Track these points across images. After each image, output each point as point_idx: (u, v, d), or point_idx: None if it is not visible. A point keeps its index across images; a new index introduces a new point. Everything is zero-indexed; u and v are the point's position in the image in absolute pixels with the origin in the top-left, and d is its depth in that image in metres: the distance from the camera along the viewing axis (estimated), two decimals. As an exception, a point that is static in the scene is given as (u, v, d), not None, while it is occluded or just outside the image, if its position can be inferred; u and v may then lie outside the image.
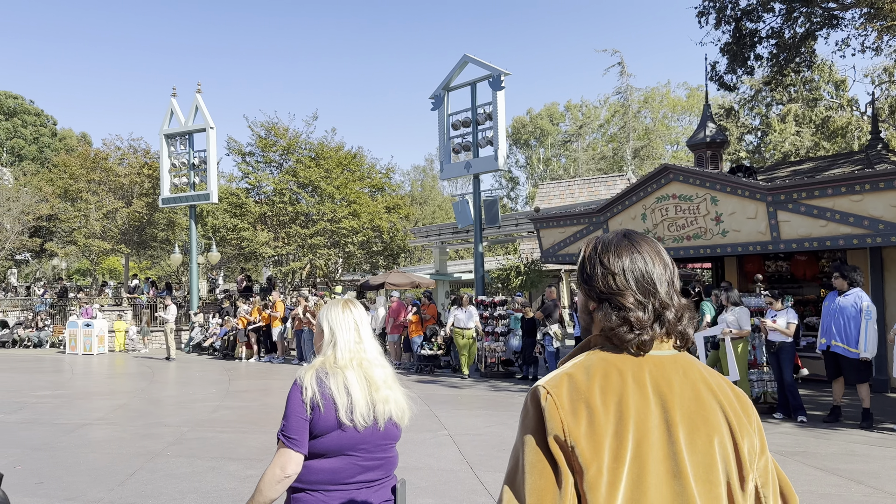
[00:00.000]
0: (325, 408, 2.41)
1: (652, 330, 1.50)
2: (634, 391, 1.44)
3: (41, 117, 53.16)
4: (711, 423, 1.46)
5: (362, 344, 2.60)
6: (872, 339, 8.68)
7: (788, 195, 11.42)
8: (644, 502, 1.36)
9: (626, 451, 1.37)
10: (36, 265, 40.55)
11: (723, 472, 1.45)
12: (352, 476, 2.46)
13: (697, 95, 48.62)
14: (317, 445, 2.43)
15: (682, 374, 1.50)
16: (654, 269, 1.54)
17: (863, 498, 5.82)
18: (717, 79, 17.08)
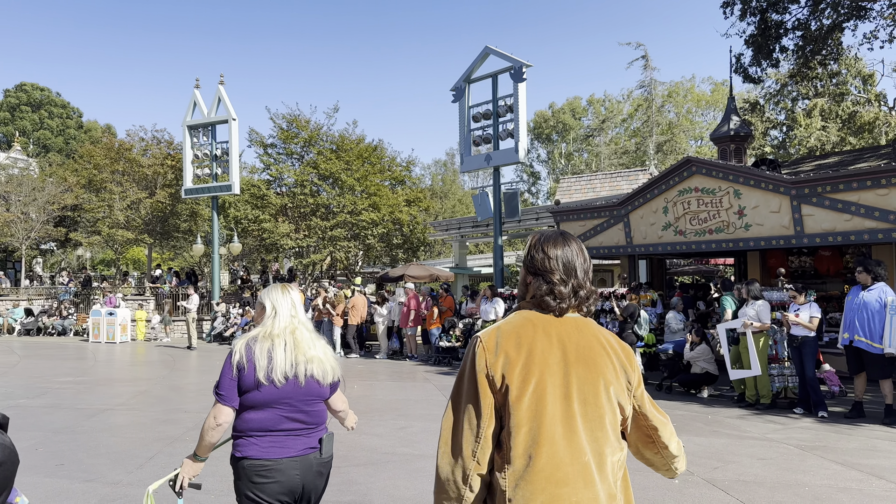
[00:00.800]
0: (248, 369, 2.95)
1: (569, 300, 2.16)
2: (542, 339, 2.09)
3: (67, 109, 53.91)
4: (598, 363, 2.10)
5: (296, 319, 3.15)
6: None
7: (813, 189, 11.25)
8: (541, 412, 2.00)
9: (531, 378, 2.03)
10: (60, 255, 41.14)
11: (605, 400, 2.08)
12: (277, 425, 2.98)
13: (722, 90, 48.03)
14: (247, 399, 2.97)
15: (579, 330, 2.15)
16: (576, 260, 2.19)
17: (883, 493, 5.73)
18: (742, 71, 16.84)
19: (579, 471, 1.99)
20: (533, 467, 1.97)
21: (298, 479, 3.00)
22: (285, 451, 2.98)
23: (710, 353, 11.00)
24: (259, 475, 2.94)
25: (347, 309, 17.36)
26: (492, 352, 2.06)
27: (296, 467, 2.99)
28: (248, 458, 2.96)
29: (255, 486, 2.95)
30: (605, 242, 15.23)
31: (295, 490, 3.00)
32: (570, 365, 2.06)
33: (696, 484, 5.99)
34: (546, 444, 1.98)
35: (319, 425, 3.12)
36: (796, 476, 6.25)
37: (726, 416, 9.33)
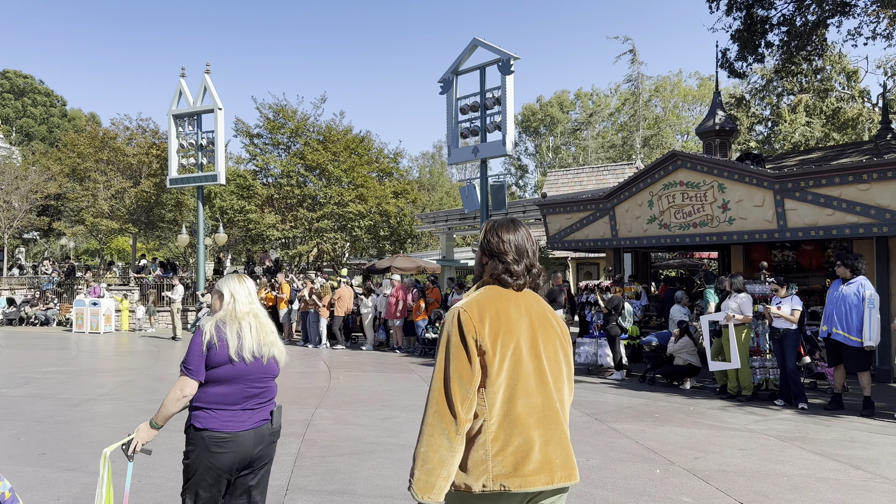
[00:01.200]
0: (219, 347, 3.25)
1: (523, 278, 2.54)
2: (514, 310, 2.46)
3: (51, 97, 53.33)
4: (553, 330, 2.54)
5: (254, 304, 3.48)
6: (875, 327, 8.64)
7: (796, 183, 11.36)
8: (519, 369, 2.40)
9: (511, 341, 2.40)
10: (44, 244, 40.77)
11: (562, 356, 2.55)
12: (237, 399, 3.29)
13: (709, 85, 48.23)
14: (213, 375, 3.25)
15: (536, 302, 2.57)
16: (526, 243, 2.57)
17: (861, 483, 5.83)
18: (728, 66, 16.93)
19: (551, 415, 2.42)
20: (511, 415, 2.36)
21: (251, 450, 3.32)
22: (242, 425, 3.29)
23: (692, 346, 11.11)
24: (217, 446, 3.23)
25: (334, 300, 17.34)
26: (477, 320, 2.38)
27: (251, 438, 3.31)
28: (208, 430, 3.23)
29: (212, 456, 3.23)
30: (591, 235, 15.30)
31: (244, 460, 3.32)
32: (535, 330, 2.48)
33: (678, 473, 6.06)
34: (523, 395, 2.38)
35: (272, 400, 3.50)
36: (776, 466, 6.34)
37: (708, 407, 9.43)
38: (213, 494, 3.31)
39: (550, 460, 2.38)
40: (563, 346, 2.57)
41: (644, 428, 7.97)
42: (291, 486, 5.64)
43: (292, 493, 5.46)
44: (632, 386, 11.35)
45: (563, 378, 2.53)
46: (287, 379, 12.15)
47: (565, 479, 2.43)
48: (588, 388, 11.10)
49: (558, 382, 2.50)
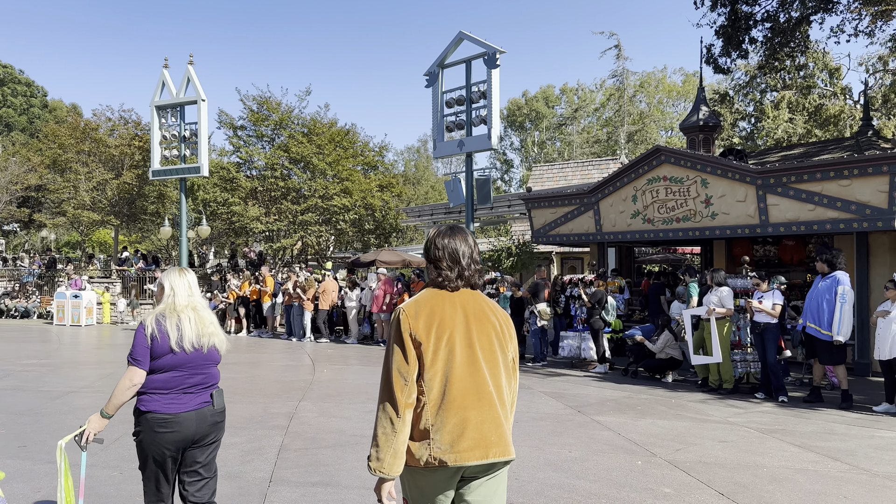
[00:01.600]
0: (160, 339, 3.56)
1: (456, 282, 2.80)
2: (449, 306, 2.75)
3: (31, 87, 52.62)
4: (489, 322, 2.80)
5: (193, 298, 3.75)
6: (846, 322, 8.79)
7: (778, 179, 11.46)
8: (453, 358, 2.67)
9: (443, 335, 2.68)
10: (24, 236, 40.30)
11: (497, 346, 2.78)
12: (178, 385, 3.60)
13: (693, 81, 48.48)
14: (156, 364, 3.56)
15: (473, 297, 2.83)
16: (459, 248, 2.81)
17: (838, 474, 5.92)
18: (712, 61, 17.03)
19: (484, 397, 2.68)
20: (447, 398, 2.63)
21: (193, 429, 3.62)
22: (183, 407, 3.59)
23: (673, 340, 11.20)
24: (160, 426, 3.54)
25: (318, 294, 17.30)
26: (413, 318, 2.69)
27: (192, 419, 3.61)
28: (152, 412, 3.55)
29: (156, 435, 3.55)
30: (576, 230, 15.36)
31: (189, 438, 3.62)
32: (469, 322, 2.75)
33: (659, 465, 6.12)
34: (457, 380, 2.65)
35: (214, 384, 3.79)
36: (755, 458, 6.41)
37: (689, 400, 9.52)
38: (164, 468, 3.64)
39: (486, 437, 2.63)
40: (499, 337, 2.81)
41: (626, 420, 8.03)
42: (275, 478, 5.63)
43: (276, 484, 5.46)
44: (614, 379, 11.43)
45: (499, 364, 2.77)
46: (271, 372, 12.12)
47: (500, 455, 2.67)
48: (571, 381, 11.17)
49: (493, 369, 2.74)
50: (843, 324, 8.73)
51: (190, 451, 3.69)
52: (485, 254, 24.16)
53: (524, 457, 6.32)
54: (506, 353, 2.82)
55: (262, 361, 13.56)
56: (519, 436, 7.13)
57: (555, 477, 5.73)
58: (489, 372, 2.72)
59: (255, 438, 6.95)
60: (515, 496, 5.22)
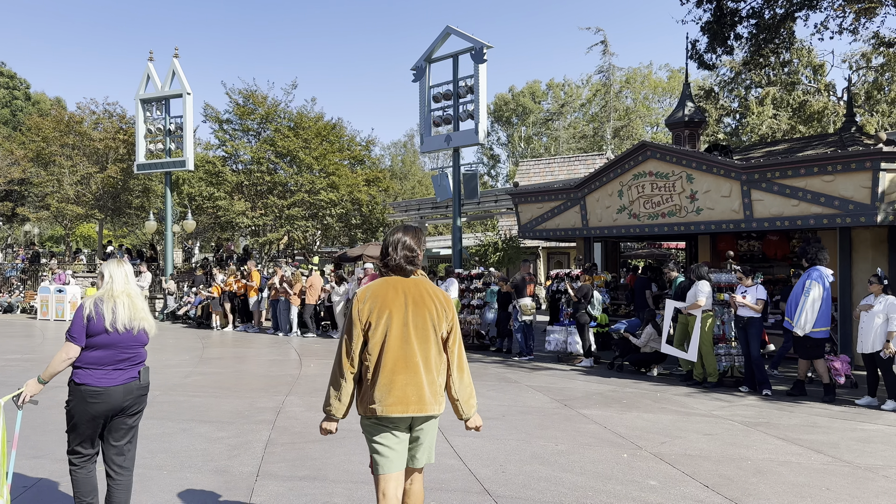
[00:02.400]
0: (97, 319, 4.06)
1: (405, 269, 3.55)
2: (391, 290, 3.48)
3: (14, 80, 51.96)
4: (426, 304, 3.48)
5: (129, 286, 4.26)
6: (809, 315, 8.92)
7: (762, 174, 11.55)
8: (389, 333, 3.39)
9: (384, 314, 3.41)
10: (7, 230, 39.87)
11: (430, 326, 3.47)
12: (109, 361, 4.10)
13: (678, 77, 48.68)
14: (91, 342, 4.06)
15: (416, 284, 3.54)
16: (409, 242, 3.55)
17: (821, 466, 5.99)
18: (698, 57, 17.11)
19: (411, 366, 3.41)
20: (382, 364, 3.40)
21: (120, 401, 4.13)
22: (112, 381, 4.10)
23: (657, 335, 11.27)
24: (91, 398, 4.05)
25: (305, 288, 17.25)
26: (362, 301, 3.47)
27: (120, 392, 4.12)
28: (85, 385, 4.05)
29: (87, 405, 4.07)
30: (562, 224, 15.41)
31: (117, 408, 4.14)
32: (408, 305, 3.46)
33: (644, 458, 6.17)
34: (390, 351, 3.39)
35: (141, 361, 4.27)
36: (740, 451, 6.48)
37: (674, 393, 9.60)
38: (90, 434, 4.16)
39: (407, 397, 3.37)
40: (433, 317, 3.49)
41: (612, 414, 8.08)
42: (262, 472, 5.63)
43: (263, 479, 5.46)
44: (600, 373, 11.50)
45: (430, 340, 3.47)
46: (257, 366, 12.09)
47: (419, 412, 3.40)
48: (557, 374, 11.22)
49: (424, 343, 3.45)
50: (803, 316, 8.86)
51: (117, 418, 4.18)
52: (472, 248, 24.19)
53: (511, 450, 6.35)
54: (437, 331, 3.50)
55: (248, 356, 13.52)
56: (506, 429, 7.16)
57: (541, 470, 5.76)
58: (419, 346, 3.43)
59: (241, 433, 6.94)
60: (502, 489, 5.25)
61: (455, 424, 7.38)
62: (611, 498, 5.10)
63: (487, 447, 6.46)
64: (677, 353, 10.47)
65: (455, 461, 5.98)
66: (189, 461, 5.93)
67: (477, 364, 12.48)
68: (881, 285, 8.68)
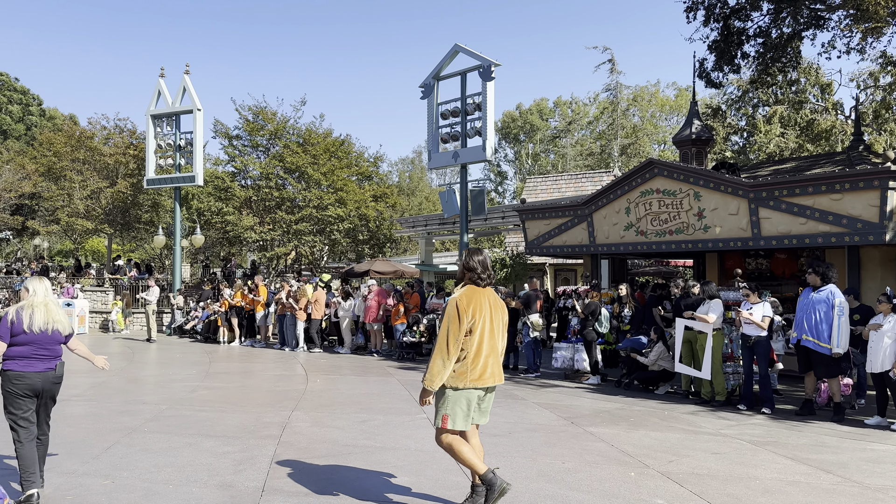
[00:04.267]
0: (17, 322, 5.25)
1: (486, 281, 5.05)
2: (481, 297, 4.97)
3: (27, 96, 52.51)
4: (499, 308, 5.10)
5: (47, 297, 5.46)
6: (844, 334, 8.82)
7: (770, 192, 11.54)
8: (485, 334, 4.94)
9: (480, 316, 4.91)
10: (17, 244, 40.11)
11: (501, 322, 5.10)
12: (30, 354, 5.30)
13: (686, 95, 48.83)
14: (16, 339, 5.26)
15: (492, 293, 5.08)
16: (486, 261, 5.07)
17: (830, 486, 5.94)
18: (705, 76, 17.18)
19: (494, 352, 4.99)
20: (479, 350, 4.88)
21: (39, 385, 5.34)
22: (32, 368, 5.30)
23: (666, 352, 11.23)
24: (16, 380, 5.27)
25: (310, 303, 17.26)
26: (467, 304, 4.85)
27: (39, 378, 5.33)
28: (10, 370, 5.28)
29: (13, 385, 5.28)
30: (569, 241, 15.41)
31: (36, 390, 5.34)
32: (491, 309, 4.98)
33: (652, 476, 6.13)
34: (483, 341, 4.90)
35: (57, 357, 5.47)
36: (748, 470, 6.43)
37: (682, 412, 9.54)
38: (23, 410, 5.28)
39: (494, 373, 4.97)
40: (504, 317, 5.12)
41: (619, 432, 8.04)
42: (267, 487, 5.62)
43: (268, 494, 5.45)
44: (607, 390, 11.44)
45: (502, 333, 5.08)
46: (263, 381, 12.09)
47: (499, 382, 5.02)
48: (564, 392, 11.17)
49: (498, 337, 5.04)
50: (840, 336, 8.78)
51: (40, 400, 5.41)
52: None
53: (518, 467, 6.32)
54: (505, 326, 5.14)
55: (254, 371, 13.52)
56: (512, 446, 7.13)
57: (548, 488, 5.73)
58: (498, 337, 5.03)
59: (247, 448, 6.93)
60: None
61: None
62: (617, 516, 5.07)
63: (494, 464, 6.42)
64: (691, 371, 10.40)
65: (461, 478, 5.96)
66: (195, 475, 5.93)
67: (483, 381, 12.44)
68: (890, 304, 8.63)
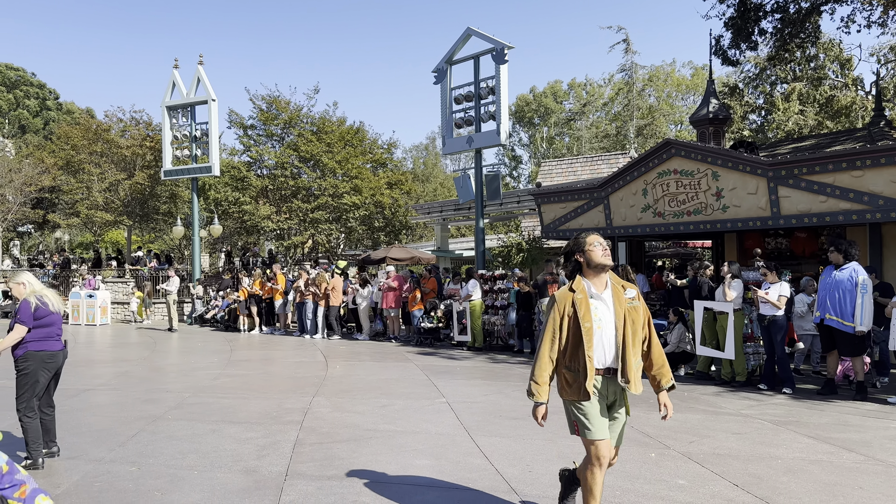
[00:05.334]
0: (43, 307, 5.88)
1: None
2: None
3: (44, 90, 52.98)
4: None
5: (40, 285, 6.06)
6: (868, 312, 8.72)
7: (789, 170, 11.41)
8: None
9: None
10: (38, 237, 40.62)
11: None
12: (53, 335, 5.96)
13: (702, 75, 48.23)
14: (40, 322, 5.85)
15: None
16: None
17: (853, 465, 5.91)
18: (721, 53, 16.94)
19: None
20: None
21: (61, 361, 6.04)
22: (56, 347, 5.97)
23: (686, 334, 11.17)
24: (48, 359, 5.90)
25: (328, 291, 17.36)
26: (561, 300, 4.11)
27: (61, 356, 6.02)
28: (42, 350, 5.86)
29: (45, 365, 5.88)
30: (586, 224, 15.34)
31: (58, 367, 6.03)
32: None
33: (673, 457, 6.13)
34: None
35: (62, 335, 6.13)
36: (770, 449, 6.41)
37: (702, 393, 9.51)
38: (41, 390, 5.89)
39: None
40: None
41: (639, 413, 8.03)
42: (291, 472, 5.69)
43: (292, 478, 5.51)
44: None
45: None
46: (284, 368, 12.20)
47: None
48: (584, 375, 11.16)
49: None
50: (864, 314, 8.69)
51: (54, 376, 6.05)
52: (494, 250, 24.13)
53: (537, 449, 6.34)
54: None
55: (275, 358, 13.65)
56: (531, 429, 7.15)
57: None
58: None
59: (270, 433, 7.01)
60: (529, 488, 5.25)
61: (481, 423, 7.40)
62: (639, 497, 5.08)
63: (514, 447, 6.46)
64: (714, 353, 10.33)
65: (481, 460, 5.99)
66: (219, 461, 6.01)
67: (502, 364, 12.48)
68: (913, 281, 8.52)
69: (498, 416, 7.81)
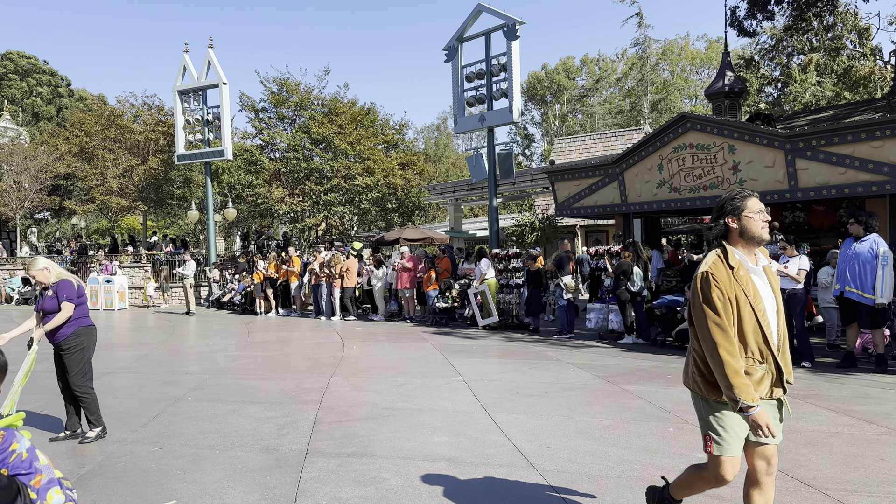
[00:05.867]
0: (80, 288, 6.27)
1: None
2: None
3: (56, 77, 53.19)
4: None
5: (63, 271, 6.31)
6: (889, 284, 8.62)
7: (807, 142, 11.26)
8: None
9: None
10: (55, 224, 41.00)
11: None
12: (86, 313, 6.35)
13: (716, 48, 47.58)
14: (80, 300, 6.25)
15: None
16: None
17: (874, 437, 5.87)
18: (737, 24, 16.69)
19: None
20: None
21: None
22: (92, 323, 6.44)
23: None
24: (95, 334, 6.42)
25: (343, 272, 17.42)
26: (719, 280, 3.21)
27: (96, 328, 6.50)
28: (91, 325, 6.37)
29: (94, 338, 6.39)
30: (600, 201, 15.25)
31: None
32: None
33: (691, 431, 6.11)
34: None
35: None
36: (789, 422, 6.37)
37: (720, 368, 9.45)
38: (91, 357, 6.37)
39: None
40: None
41: (656, 389, 8.02)
42: (311, 449, 5.73)
43: (312, 456, 5.55)
44: (642, 349, 11.40)
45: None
46: (301, 349, 12.27)
47: None
48: (599, 352, 11.16)
49: None
50: (885, 286, 8.59)
51: None
52: (508, 229, 24.08)
53: (555, 425, 6.35)
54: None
55: (292, 340, 13.73)
56: (549, 406, 7.16)
57: (586, 444, 5.76)
58: None
59: (289, 413, 7.06)
60: (548, 463, 5.26)
61: (497, 401, 7.41)
62: (658, 471, 5.07)
63: (531, 423, 6.48)
64: None
65: (499, 437, 6.01)
66: (240, 440, 6.07)
67: (517, 343, 12.49)
68: (934, 252, 8.41)
69: (515, 394, 7.82)
